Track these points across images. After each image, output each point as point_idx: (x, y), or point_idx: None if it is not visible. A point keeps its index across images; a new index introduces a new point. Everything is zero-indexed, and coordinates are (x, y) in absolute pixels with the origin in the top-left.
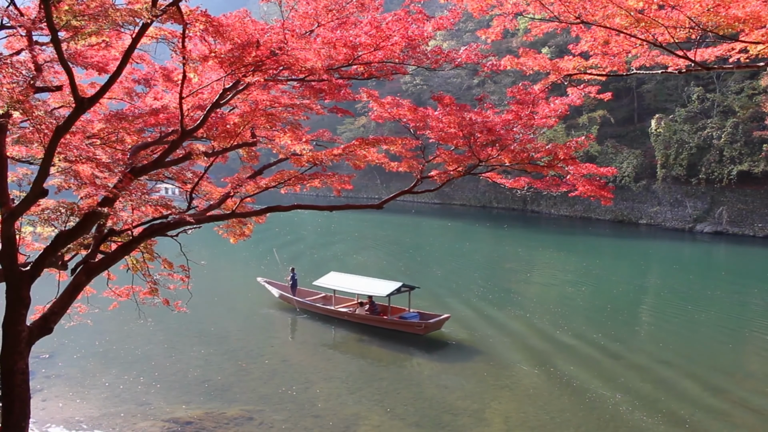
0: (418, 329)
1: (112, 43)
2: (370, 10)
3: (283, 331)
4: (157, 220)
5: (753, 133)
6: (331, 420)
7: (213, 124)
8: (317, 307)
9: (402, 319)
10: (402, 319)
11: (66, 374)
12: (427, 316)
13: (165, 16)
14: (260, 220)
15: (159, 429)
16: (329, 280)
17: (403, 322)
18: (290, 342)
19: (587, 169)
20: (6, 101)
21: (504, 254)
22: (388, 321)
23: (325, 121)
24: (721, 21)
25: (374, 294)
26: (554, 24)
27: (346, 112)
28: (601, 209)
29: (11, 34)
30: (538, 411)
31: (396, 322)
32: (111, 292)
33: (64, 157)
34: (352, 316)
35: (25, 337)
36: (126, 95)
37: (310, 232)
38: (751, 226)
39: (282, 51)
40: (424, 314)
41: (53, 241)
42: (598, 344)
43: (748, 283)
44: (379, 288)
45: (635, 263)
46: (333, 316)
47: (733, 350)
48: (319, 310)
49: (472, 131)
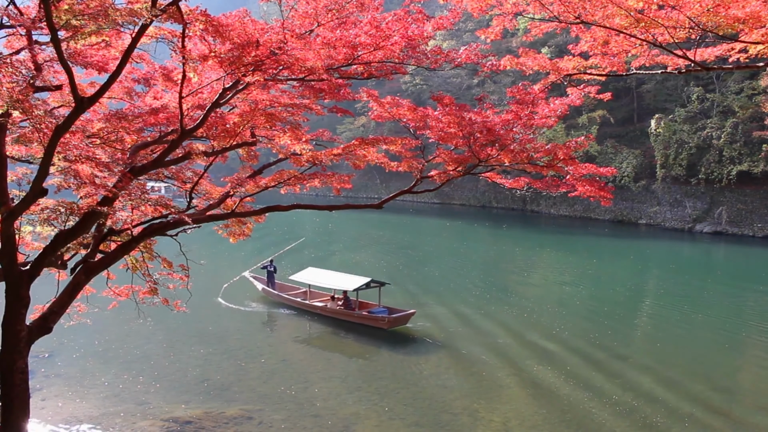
0: (382, 323)
1: (112, 43)
2: (370, 9)
3: (282, 331)
4: (157, 219)
5: (752, 134)
6: (330, 419)
7: (213, 124)
8: (293, 301)
9: (369, 314)
10: (369, 313)
11: (65, 373)
12: (394, 311)
13: (165, 16)
14: (260, 219)
15: (158, 428)
16: (305, 276)
17: (369, 317)
18: (289, 341)
19: (587, 169)
20: (6, 100)
21: (502, 254)
22: (355, 315)
23: (324, 120)
24: (721, 21)
25: (343, 289)
26: (554, 24)
27: (345, 111)
28: (600, 209)
29: (11, 33)
30: (537, 411)
31: (363, 316)
32: (110, 292)
33: (64, 157)
34: (323, 310)
35: (24, 336)
36: (126, 95)
37: (309, 232)
38: (750, 226)
39: (282, 51)
40: (392, 309)
41: (53, 241)
42: (595, 344)
43: (744, 284)
44: (349, 283)
45: (633, 263)
46: (308, 309)
47: (729, 351)
48: (295, 303)
49: (472, 131)
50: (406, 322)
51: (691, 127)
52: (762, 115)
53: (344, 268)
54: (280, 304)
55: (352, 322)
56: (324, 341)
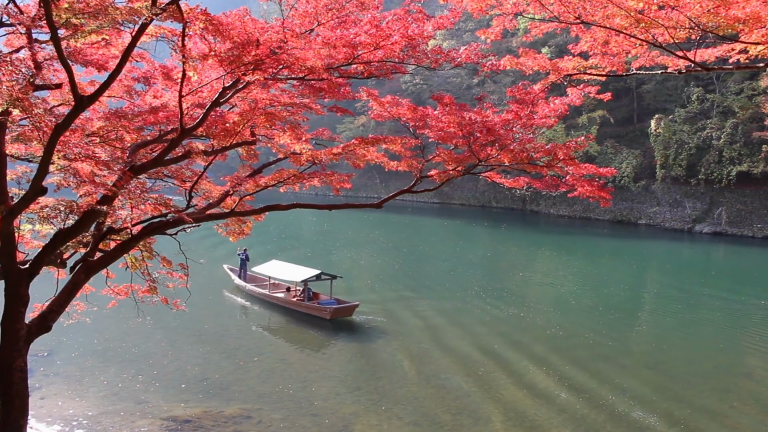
0: (324, 314)
1: (112, 41)
2: (370, 9)
3: (281, 330)
4: (156, 218)
5: (752, 134)
6: (329, 418)
7: (212, 123)
8: (256, 292)
9: (316, 304)
10: (318, 304)
11: (64, 372)
12: (340, 303)
13: (165, 15)
14: (259, 218)
15: (157, 427)
16: (265, 268)
17: (314, 307)
18: (289, 340)
19: (586, 169)
20: (5, 99)
21: (500, 254)
22: (303, 305)
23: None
24: (721, 21)
25: (293, 280)
26: (554, 24)
27: (345, 111)
28: (600, 209)
29: (11, 31)
30: (536, 410)
31: (309, 306)
32: (110, 291)
33: (64, 155)
34: (278, 300)
35: (23, 335)
36: (125, 93)
37: (307, 231)
38: (750, 226)
39: (282, 50)
40: (341, 301)
41: (52, 239)
42: (593, 344)
43: (741, 286)
44: (302, 275)
45: (630, 263)
46: (267, 300)
47: (725, 352)
48: (258, 294)
49: (472, 131)
50: (349, 313)
51: (691, 127)
52: (762, 116)
53: (342, 266)
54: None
55: (301, 312)
56: (324, 341)
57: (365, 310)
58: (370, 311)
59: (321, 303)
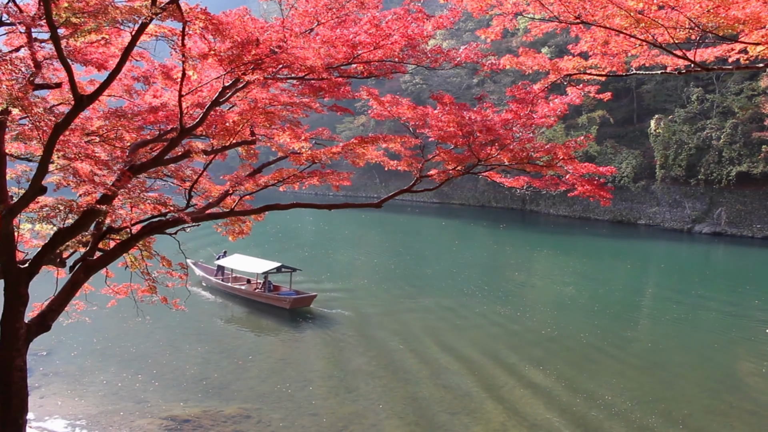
0: (284, 303)
1: (112, 41)
2: (370, 8)
3: (280, 329)
4: (156, 217)
5: (752, 134)
6: (328, 418)
7: (212, 122)
8: (220, 284)
9: (276, 295)
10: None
11: (64, 371)
12: (299, 293)
13: (165, 14)
14: (259, 218)
15: (157, 427)
16: (229, 261)
17: (275, 297)
18: (288, 340)
19: (586, 168)
20: (5, 98)
21: (498, 254)
22: (263, 296)
23: (324, 119)
24: (721, 22)
25: (255, 272)
26: (554, 24)
27: (345, 110)
28: (599, 209)
29: (11, 31)
30: (535, 410)
31: (269, 297)
32: (109, 290)
33: (63, 155)
34: (240, 291)
35: (23, 334)
36: (125, 93)
37: (306, 230)
38: (749, 227)
39: (282, 49)
40: (299, 292)
41: (52, 239)
42: (590, 344)
43: (739, 285)
44: (262, 268)
45: (629, 264)
46: (230, 292)
47: (722, 351)
48: (220, 286)
49: (472, 130)
50: (308, 304)
51: (690, 127)
52: (762, 116)
53: (340, 265)
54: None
55: (262, 302)
56: (323, 340)
57: (365, 311)
58: (369, 311)
59: (281, 294)
